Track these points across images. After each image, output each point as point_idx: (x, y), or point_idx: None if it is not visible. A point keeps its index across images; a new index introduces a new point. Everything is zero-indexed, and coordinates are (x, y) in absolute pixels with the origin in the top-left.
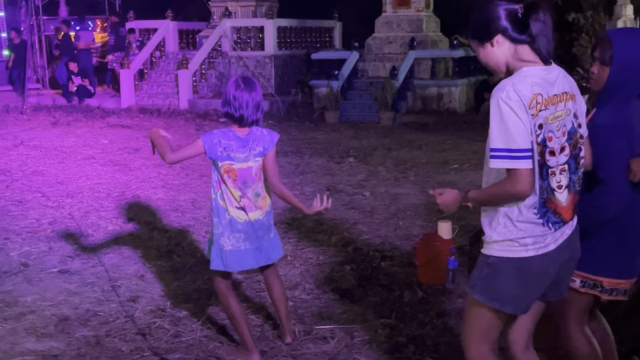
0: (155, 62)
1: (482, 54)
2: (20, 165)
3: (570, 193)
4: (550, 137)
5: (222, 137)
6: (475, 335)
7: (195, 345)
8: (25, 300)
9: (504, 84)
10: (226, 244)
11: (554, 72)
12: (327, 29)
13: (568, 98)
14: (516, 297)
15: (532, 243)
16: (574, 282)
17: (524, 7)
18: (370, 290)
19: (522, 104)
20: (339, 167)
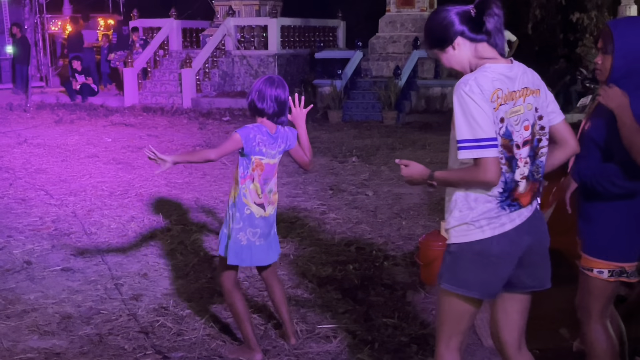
0: (159, 61)
1: (445, 59)
2: (24, 163)
3: (528, 182)
4: (514, 130)
5: (257, 132)
6: (446, 327)
7: (197, 344)
8: (28, 298)
9: (466, 78)
10: (243, 239)
11: (514, 69)
12: (331, 28)
13: (528, 93)
14: (481, 281)
15: (487, 224)
16: (602, 274)
17: (476, 7)
18: (373, 289)
19: (484, 97)
20: (342, 166)
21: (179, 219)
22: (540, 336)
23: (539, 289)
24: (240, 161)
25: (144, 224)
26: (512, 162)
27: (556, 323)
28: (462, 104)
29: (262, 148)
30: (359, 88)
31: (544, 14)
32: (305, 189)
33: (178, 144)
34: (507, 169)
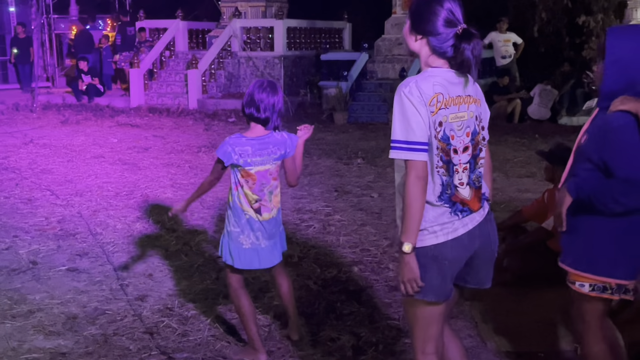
0: (165, 62)
1: (407, 36)
2: (30, 163)
3: (471, 189)
4: (452, 135)
5: (235, 145)
6: (418, 335)
7: (202, 345)
8: (33, 298)
9: (408, 81)
10: (245, 242)
11: (460, 77)
12: (337, 30)
13: (472, 101)
14: (435, 285)
15: (440, 229)
16: (583, 287)
17: (462, 31)
18: (377, 291)
19: (423, 101)
20: (347, 168)
21: (184, 220)
22: (544, 339)
23: (479, 287)
24: (232, 170)
25: (150, 225)
26: (449, 167)
27: (559, 326)
28: (400, 105)
29: (245, 159)
30: (365, 90)
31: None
32: (310, 191)
33: (183, 144)
34: (445, 173)
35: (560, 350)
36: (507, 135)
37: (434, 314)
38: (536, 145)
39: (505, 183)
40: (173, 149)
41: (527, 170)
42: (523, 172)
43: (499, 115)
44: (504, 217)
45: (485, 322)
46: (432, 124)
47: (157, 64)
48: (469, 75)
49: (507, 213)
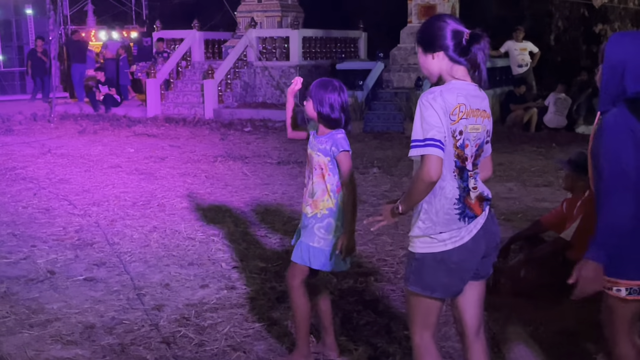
0: (181, 72)
1: (422, 59)
2: (48, 173)
3: (475, 194)
4: (467, 144)
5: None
6: (417, 322)
7: (219, 355)
8: (51, 307)
9: (433, 89)
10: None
11: (479, 91)
12: (352, 39)
13: (486, 116)
14: (443, 284)
15: (448, 238)
16: (620, 292)
17: (471, 34)
18: (394, 301)
19: (445, 109)
20: (363, 177)
21: (200, 230)
22: (562, 350)
23: (488, 275)
24: (332, 170)
25: (166, 234)
26: (463, 172)
27: (578, 337)
28: (422, 109)
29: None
30: (380, 99)
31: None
32: None
33: (200, 154)
34: (459, 177)
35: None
36: (524, 144)
37: (435, 306)
38: (553, 154)
39: (522, 192)
40: (189, 158)
41: (544, 180)
42: (540, 181)
43: (515, 124)
44: (522, 227)
45: (502, 333)
46: (452, 132)
47: (174, 74)
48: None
49: (525, 222)
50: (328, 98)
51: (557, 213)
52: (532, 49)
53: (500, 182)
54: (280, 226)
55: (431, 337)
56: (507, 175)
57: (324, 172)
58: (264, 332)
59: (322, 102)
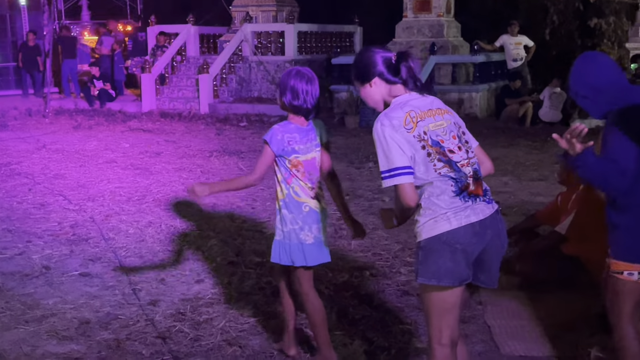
0: (176, 67)
1: (363, 92)
2: (42, 168)
3: (475, 180)
4: (442, 139)
5: (285, 132)
6: (433, 322)
7: (214, 350)
8: (46, 303)
9: (379, 117)
10: (307, 238)
11: (423, 98)
12: (348, 33)
13: (444, 112)
14: (449, 269)
15: (453, 215)
16: (632, 276)
17: (397, 55)
18: (389, 296)
19: (396, 125)
20: (358, 172)
21: (196, 225)
22: (557, 344)
23: (489, 286)
24: (278, 162)
25: (162, 230)
26: (451, 164)
27: (573, 330)
28: (378, 139)
29: (293, 146)
30: None
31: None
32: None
33: (195, 149)
34: (449, 170)
35: (574, 355)
36: (519, 138)
37: (450, 301)
38: (548, 148)
39: (517, 186)
40: (185, 153)
41: (540, 174)
42: (535, 175)
43: (510, 118)
44: (517, 221)
45: (498, 327)
46: (416, 138)
47: (169, 69)
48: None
49: (520, 216)
50: (292, 86)
51: (552, 207)
52: (527, 43)
53: (496, 176)
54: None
55: (449, 344)
56: (502, 169)
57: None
58: (260, 326)
59: (285, 89)
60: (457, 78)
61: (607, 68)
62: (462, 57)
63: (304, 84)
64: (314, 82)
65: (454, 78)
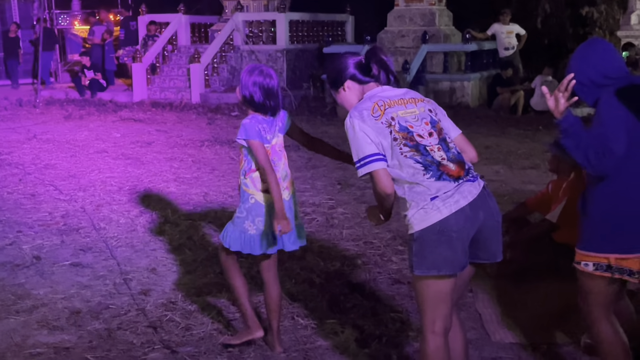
0: (167, 56)
1: (339, 98)
2: (33, 158)
3: (454, 162)
4: (411, 125)
5: (257, 123)
6: (427, 311)
7: (205, 339)
8: (37, 293)
9: (351, 110)
10: (250, 228)
11: (393, 89)
12: (340, 22)
13: (418, 100)
14: (447, 258)
15: (442, 204)
16: (587, 267)
17: (365, 55)
18: (380, 284)
19: (365, 115)
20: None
21: (187, 214)
22: (548, 331)
23: (491, 261)
24: (246, 154)
25: (153, 219)
26: (419, 149)
27: (564, 318)
28: (348, 131)
29: (266, 136)
30: None
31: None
32: (313, 184)
33: (187, 139)
34: (416, 153)
35: (564, 342)
36: (511, 127)
37: (445, 290)
38: (540, 136)
39: (509, 175)
40: (176, 143)
41: (531, 162)
42: (527, 164)
43: (502, 107)
44: (508, 209)
45: (488, 314)
46: (384, 124)
47: (160, 59)
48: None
49: (511, 205)
50: (252, 82)
51: (542, 195)
52: (518, 32)
53: (487, 165)
54: None
55: (442, 333)
56: (494, 157)
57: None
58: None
59: (245, 86)
60: (448, 67)
61: (618, 57)
62: (453, 46)
63: (263, 81)
64: (273, 79)
65: (446, 67)
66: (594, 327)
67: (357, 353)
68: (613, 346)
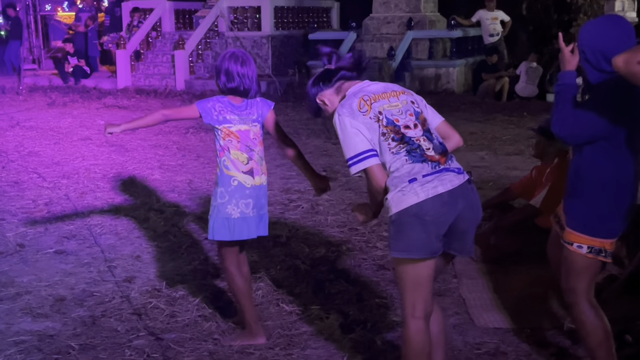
0: (152, 43)
1: (325, 110)
2: (16, 146)
3: (437, 153)
4: (397, 119)
5: (216, 102)
6: (407, 295)
7: (190, 325)
8: (21, 280)
9: (337, 108)
10: (234, 212)
11: (373, 84)
12: (325, 9)
13: (399, 93)
14: (420, 242)
15: (420, 187)
16: (581, 249)
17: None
18: (365, 270)
19: (352, 111)
20: (335, 147)
21: (172, 202)
22: (531, 316)
23: (463, 255)
24: (215, 134)
25: (137, 206)
26: (405, 139)
27: (547, 303)
28: (339, 128)
29: (225, 116)
30: None
31: None
32: (298, 171)
33: (171, 125)
34: (403, 146)
35: (548, 326)
36: (496, 113)
37: (423, 274)
38: (525, 122)
39: (493, 161)
40: (160, 130)
41: (516, 148)
42: (511, 150)
43: (487, 93)
44: (492, 195)
45: (472, 299)
46: (373, 119)
47: (144, 45)
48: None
49: (495, 190)
50: (225, 67)
51: (526, 180)
52: (503, 18)
53: (472, 151)
54: None
55: (423, 317)
56: (479, 144)
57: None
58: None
59: (219, 72)
60: (434, 53)
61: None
62: (439, 32)
63: (238, 67)
64: (248, 63)
65: (431, 53)
66: (576, 308)
67: (341, 339)
68: (594, 328)
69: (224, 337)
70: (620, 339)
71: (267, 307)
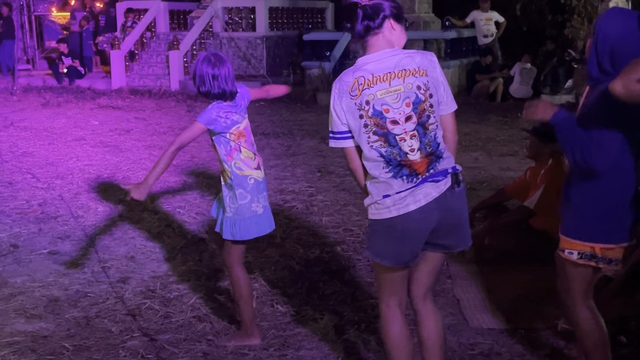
0: (146, 43)
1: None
2: (10, 146)
3: (422, 154)
4: (387, 109)
5: (217, 109)
6: (383, 289)
7: (185, 326)
8: (14, 281)
9: (338, 77)
10: (258, 208)
11: (390, 54)
12: (320, 9)
13: (408, 74)
14: (391, 251)
15: (392, 204)
16: (572, 255)
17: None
18: (360, 271)
19: (342, 91)
20: (330, 148)
21: (166, 202)
22: (526, 316)
23: (460, 249)
24: (217, 141)
25: (131, 207)
26: (388, 138)
27: (541, 303)
28: (330, 99)
29: (232, 118)
30: None
31: None
32: (293, 172)
33: (166, 126)
34: (383, 144)
35: (542, 327)
36: (490, 114)
37: (393, 276)
38: (519, 124)
39: (487, 162)
40: (155, 130)
41: (510, 149)
42: (505, 151)
43: (481, 94)
44: (487, 196)
45: (466, 300)
46: (356, 106)
47: (138, 46)
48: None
49: (490, 191)
50: (199, 71)
51: (520, 181)
52: (497, 19)
53: (466, 152)
54: None
55: (397, 305)
56: (472, 145)
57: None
58: (230, 303)
59: (194, 75)
60: None
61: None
62: (433, 33)
63: (210, 69)
64: (221, 65)
65: None
66: (573, 312)
67: (335, 339)
68: (591, 331)
69: (218, 338)
70: (614, 339)
71: (261, 308)
